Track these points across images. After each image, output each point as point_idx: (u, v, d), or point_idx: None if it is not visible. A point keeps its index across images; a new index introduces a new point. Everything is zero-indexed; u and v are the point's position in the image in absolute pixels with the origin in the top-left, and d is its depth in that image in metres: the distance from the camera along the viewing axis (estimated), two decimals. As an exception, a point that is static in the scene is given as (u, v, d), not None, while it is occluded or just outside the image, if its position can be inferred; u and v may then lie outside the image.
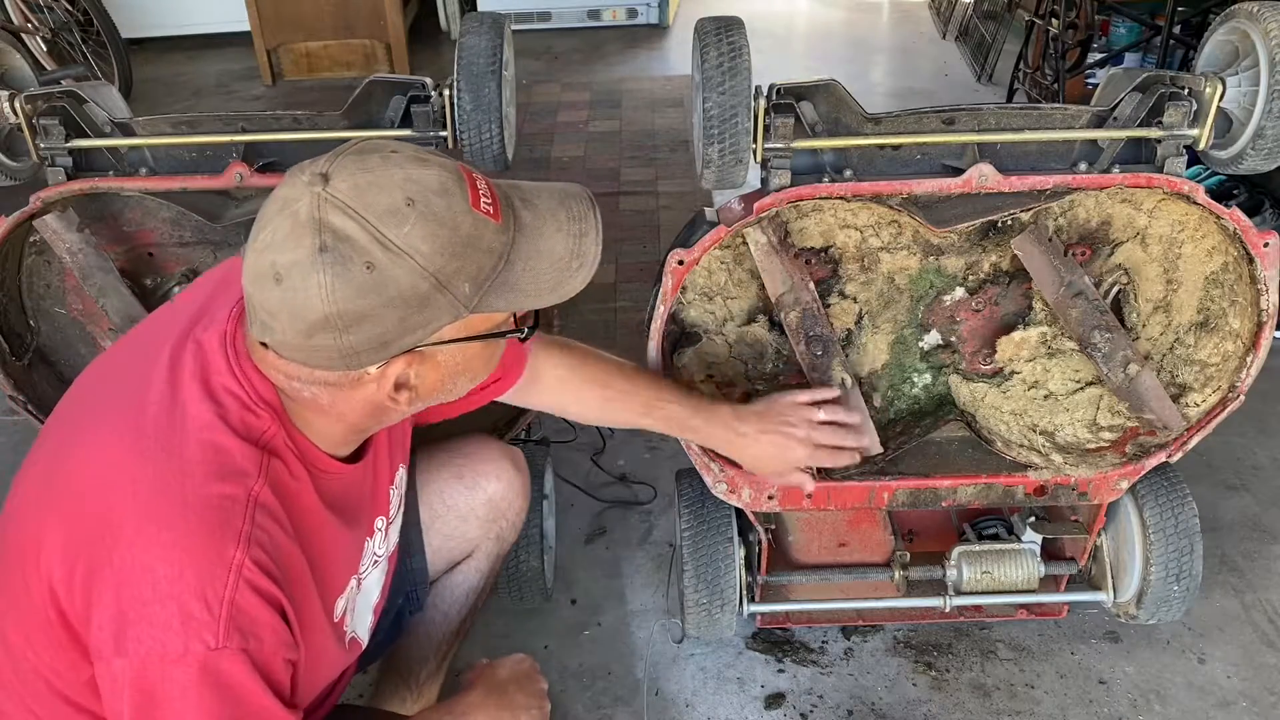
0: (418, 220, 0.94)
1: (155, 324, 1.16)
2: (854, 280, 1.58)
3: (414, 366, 1.01)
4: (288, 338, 0.96)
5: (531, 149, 4.14)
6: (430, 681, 1.57)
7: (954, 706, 1.81)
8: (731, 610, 1.79)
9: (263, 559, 0.97)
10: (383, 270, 0.93)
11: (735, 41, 1.43)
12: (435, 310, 0.97)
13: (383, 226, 0.93)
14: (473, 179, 1.00)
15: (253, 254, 0.96)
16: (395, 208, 0.93)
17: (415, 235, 0.94)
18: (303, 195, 0.93)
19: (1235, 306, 1.54)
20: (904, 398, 1.69)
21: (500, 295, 1.01)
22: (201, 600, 0.93)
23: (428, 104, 1.54)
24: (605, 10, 5.67)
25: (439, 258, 0.95)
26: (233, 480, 0.98)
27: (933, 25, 5.68)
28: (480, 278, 0.99)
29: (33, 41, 4.46)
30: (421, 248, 0.94)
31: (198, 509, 0.96)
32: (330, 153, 0.98)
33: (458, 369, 1.06)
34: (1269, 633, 1.95)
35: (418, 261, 0.94)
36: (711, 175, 1.47)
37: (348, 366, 0.98)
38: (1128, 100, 1.47)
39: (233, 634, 0.94)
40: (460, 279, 0.97)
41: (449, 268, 0.96)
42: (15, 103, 1.51)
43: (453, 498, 1.50)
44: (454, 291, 0.97)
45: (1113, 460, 1.66)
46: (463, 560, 1.54)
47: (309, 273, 0.92)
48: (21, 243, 1.63)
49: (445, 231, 0.95)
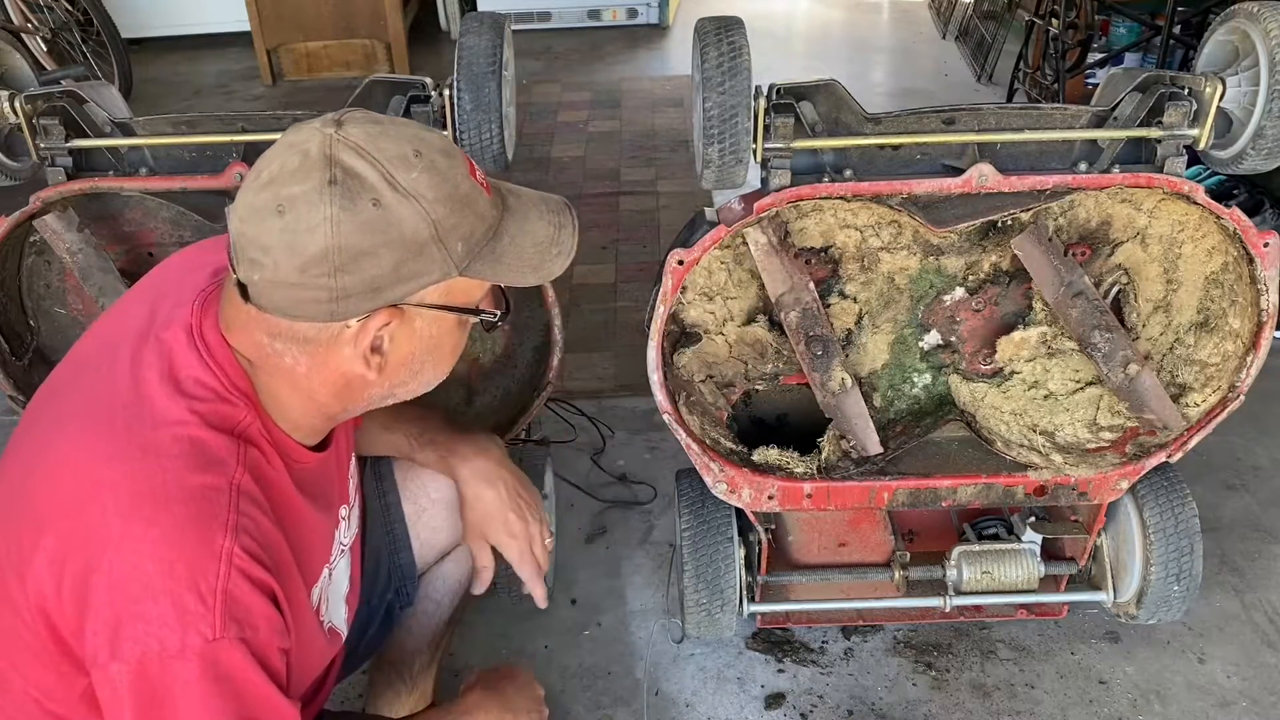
0: (424, 169, 0.97)
1: (113, 323, 1.14)
2: (854, 280, 1.58)
3: (392, 325, 1.02)
4: (279, 274, 0.95)
5: (531, 149, 4.14)
6: (424, 674, 1.57)
7: (954, 706, 1.82)
8: (731, 610, 1.79)
9: (251, 546, 0.97)
10: (389, 209, 0.95)
11: (735, 41, 1.43)
12: (429, 261, 0.99)
13: (392, 168, 0.96)
14: (468, 156, 1.05)
15: (252, 190, 0.96)
16: (404, 155, 0.97)
17: (422, 182, 0.97)
18: (313, 137, 0.96)
19: (1235, 306, 1.54)
20: (904, 398, 1.69)
21: (488, 264, 1.04)
22: (195, 592, 0.93)
23: (428, 104, 1.54)
24: (605, 10, 5.67)
25: (440, 207, 0.98)
26: (213, 470, 0.98)
27: (933, 25, 5.68)
28: (472, 240, 1.02)
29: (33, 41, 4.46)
30: (426, 194, 0.97)
31: (181, 501, 0.95)
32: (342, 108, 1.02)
33: (427, 347, 1.07)
34: (1269, 633, 1.95)
35: (423, 205, 0.97)
36: (711, 175, 1.47)
37: (332, 314, 0.98)
38: (1128, 100, 1.47)
39: (229, 624, 0.94)
40: (455, 236, 1.00)
41: (448, 220, 0.99)
42: (15, 103, 1.51)
43: (437, 490, 1.49)
44: (449, 246, 1.00)
45: (1113, 460, 1.66)
46: (452, 549, 1.54)
47: (316, 204, 0.93)
48: (21, 243, 1.63)
49: (448, 186, 0.99)
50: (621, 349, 2.85)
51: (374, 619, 1.48)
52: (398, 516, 1.48)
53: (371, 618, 1.48)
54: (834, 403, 1.56)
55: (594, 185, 3.83)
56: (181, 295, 1.09)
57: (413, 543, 1.50)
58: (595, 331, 2.93)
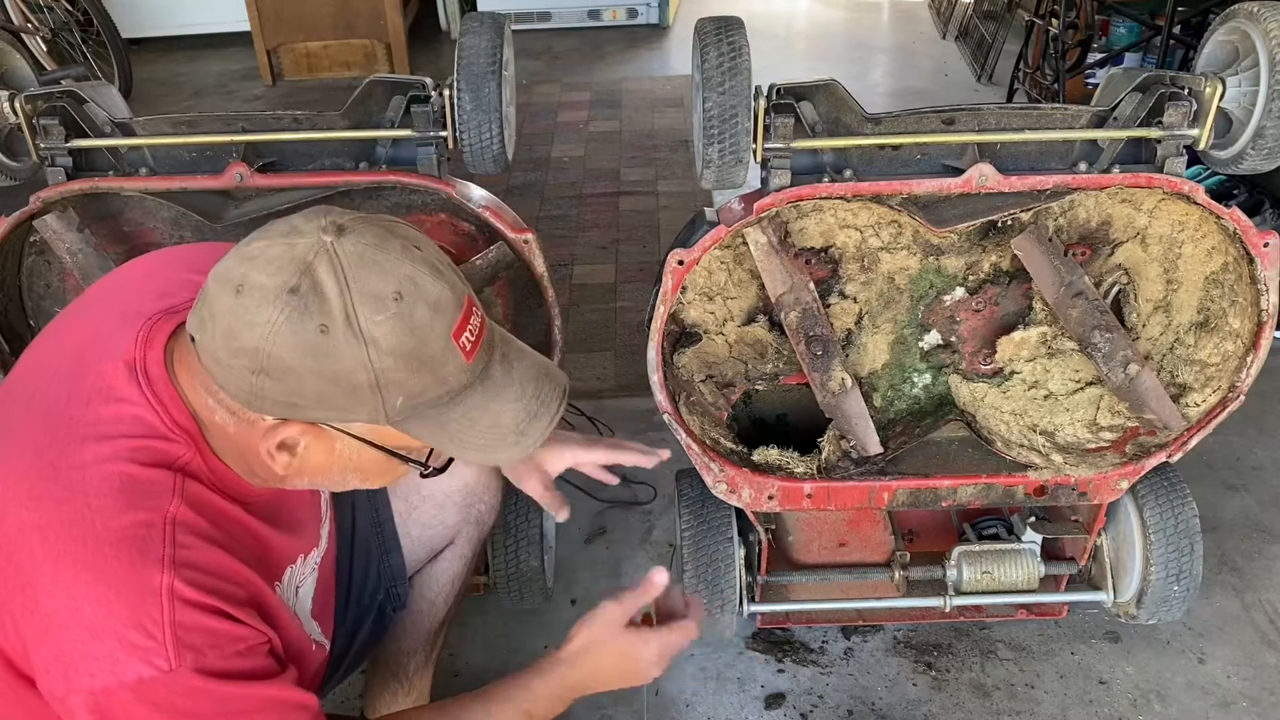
0: (394, 316, 0.92)
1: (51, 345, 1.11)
2: (854, 280, 1.58)
3: (307, 437, 0.98)
4: (213, 346, 0.93)
5: (531, 149, 4.14)
6: (420, 673, 1.56)
7: (954, 706, 1.81)
8: (732, 610, 1.79)
9: (193, 576, 0.94)
10: (333, 342, 0.90)
11: (735, 41, 1.43)
12: (358, 404, 0.94)
13: (359, 304, 0.91)
14: (470, 312, 0.97)
15: (236, 257, 0.94)
16: (382, 295, 0.91)
17: (383, 328, 0.91)
18: (311, 234, 0.92)
19: (1235, 306, 1.54)
20: (904, 398, 1.69)
21: (426, 426, 0.98)
22: (140, 630, 0.91)
23: (428, 104, 1.54)
24: (605, 10, 5.67)
25: (391, 359, 0.92)
26: (144, 507, 0.95)
27: (933, 25, 5.68)
28: (418, 400, 0.96)
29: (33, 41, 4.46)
30: (381, 342, 0.91)
31: (111, 543, 0.92)
32: (363, 214, 0.97)
33: (349, 465, 1.03)
34: (1269, 633, 1.95)
35: (369, 352, 0.91)
36: (711, 175, 1.47)
37: (249, 404, 0.95)
38: (1128, 100, 1.47)
39: (184, 652, 0.92)
40: (399, 391, 0.94)
41: (394, 375, 0.93)
42: (15, 103, 1.51)
43: (428, 487, 1.47)
44: (386, 398, 0.94)
45: (1113, 460, 1.66)
46: (445, 548, 1.53)
47: (267, 303, 0.90)
48: (21, 243, 1.63)
49: (413, 340, 0.93)
50: (621, 349, 2.85)
51: (364, 621, 1.47)
52: (386, 516, 1.47)
53: (362, 620, 1.47)
54: (834, 403, 1.56)
55: (594, 185, 3.83)
56: (126, 319, 1.05)
57: (403, 541, 1.49)
58: (595, 331, 2.93)
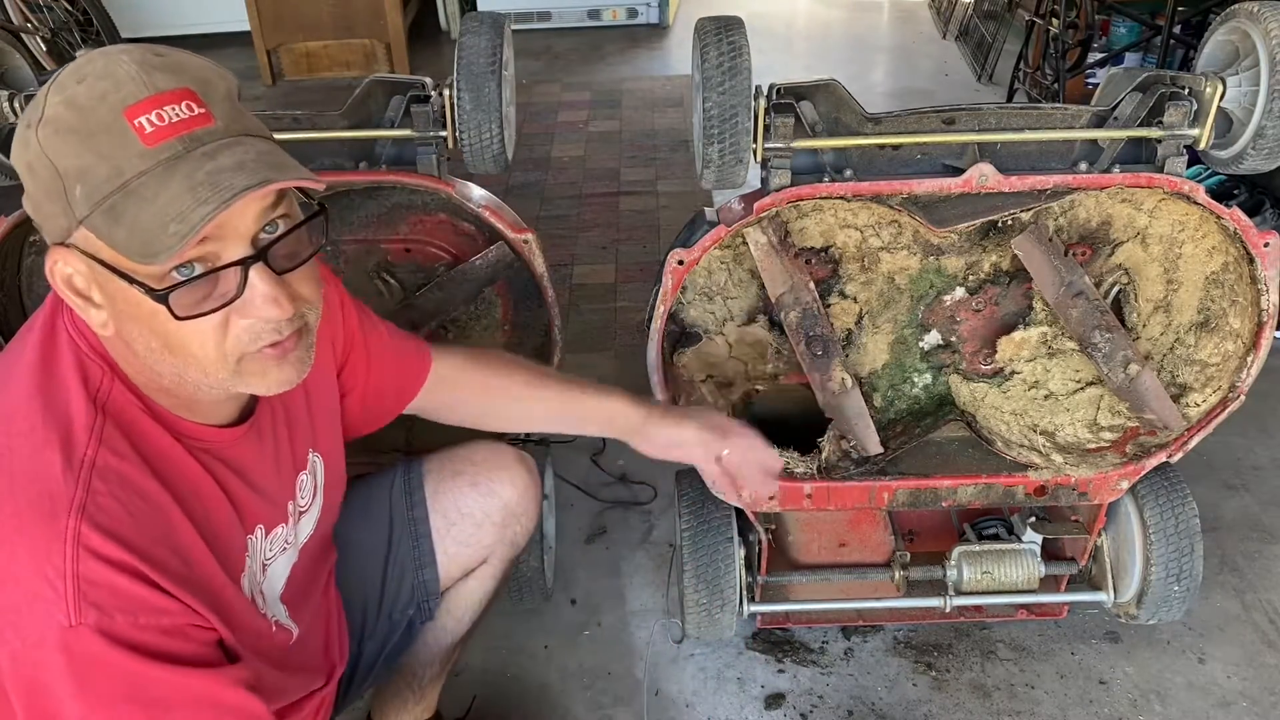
0: (67, 98, 0.87)
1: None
2: (854, 280, 1.58)
3: (70, 266, 0.92)
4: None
5: (531, 149, 4.14)
6: (433, 685, 1.57)
7: (954, 706, 1.81)
8: (731, 610, 1.79)
9: (107, 523, 0.89)
10: (28, 132, 0.88)
11: (735, 41, 1.43)
12: (55, 201, 0.88)
13: (51, 93, 0.88)
14: (172, 100, 0.87)
15: None
16: (67, 82, 0.88)
17: (56, 109, 0.87)
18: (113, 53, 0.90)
19: (1235, 306, 1.54)
20: (904, 398, 1.69)
21: (107, 223, 0.87)
22: (42, 578, 0.87)
23: (428, 104, 1.53)
24: (605, 10, 5.67)
25: (53, 135, 0.87)
26: (59, 447, 0.91)
27: (933, 25, 5.67)
28: (92, 188, 0.87)
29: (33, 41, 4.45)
30: (50, 123, 0.87)
31: (23, 483, 0.90)
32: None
33: (124, 313, 0.93)
34: (1269, 633, 1.95)
35: (39, 133, 0.87)
36: (711, 175, 1.47)
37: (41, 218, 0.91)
38: (1128, 100, 1.47)
39: (85, 609, 0.87)
40: (75, 179, 0.87)
41: (63, 158, 0.87)
42: (15, 103, 1.51)
43: (468, 505, 1.47)
44: (67, 187, 0.87)
45: (1113, 460, 1.66)
46: (477, 566, 1.53)
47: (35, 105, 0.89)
48: (21, 243, 1.63)
49: (73, 115, 0.86)
50: (621, 349, 2.85)
51: (394, 633, 1.48)
52: (425, 531, 1.46)
53: (392, 633, 1.47)
54: (834, 403, 1.56)
55: (594, 185, 3.83)
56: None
57: (438, 558, 1.48)
58: (595, 331, 2.93)
